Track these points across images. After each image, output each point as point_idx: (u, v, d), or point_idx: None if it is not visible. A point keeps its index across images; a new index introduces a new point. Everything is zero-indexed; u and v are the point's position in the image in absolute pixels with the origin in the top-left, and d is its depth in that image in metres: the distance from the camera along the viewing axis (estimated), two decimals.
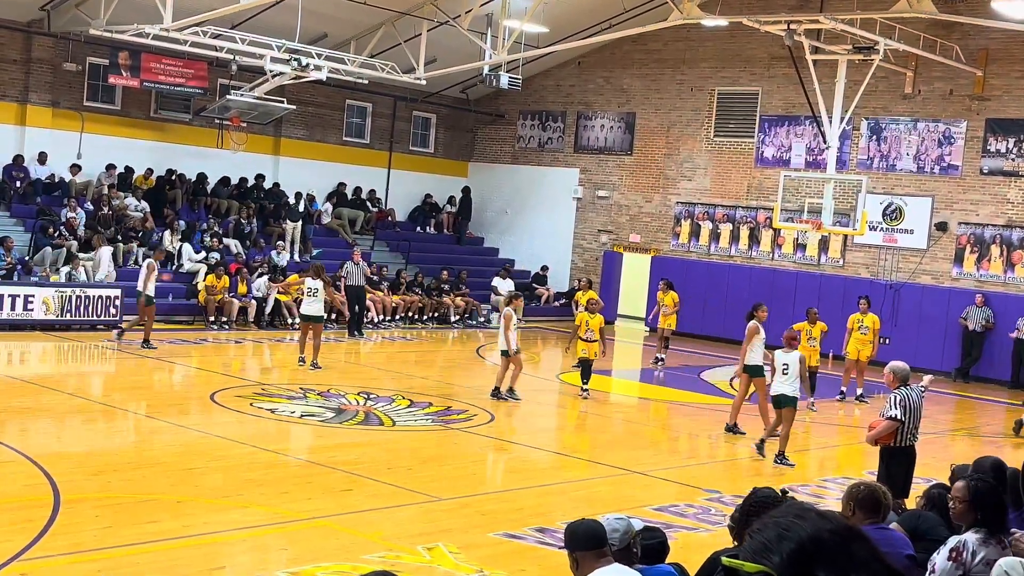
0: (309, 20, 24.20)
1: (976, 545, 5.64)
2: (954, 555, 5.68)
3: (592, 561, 4.97)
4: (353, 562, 8.76)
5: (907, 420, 10.32)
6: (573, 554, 5.04)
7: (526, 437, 15.33)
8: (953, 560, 5.64)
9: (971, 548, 5.64)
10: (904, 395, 10.37)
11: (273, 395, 16.39)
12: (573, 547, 5.06)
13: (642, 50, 29.74)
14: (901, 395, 10.37)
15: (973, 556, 5.62)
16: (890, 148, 26.06)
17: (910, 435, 10.41)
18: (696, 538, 10.28)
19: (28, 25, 24.70)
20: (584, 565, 4.97)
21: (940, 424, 18.62)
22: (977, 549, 5.63)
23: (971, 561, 5.61)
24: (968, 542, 5.67)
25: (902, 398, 10.34)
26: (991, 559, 5.56)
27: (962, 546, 5.67)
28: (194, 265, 24.50)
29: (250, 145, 27.17)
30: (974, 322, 24.03)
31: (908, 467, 10.47)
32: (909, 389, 10.47)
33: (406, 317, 26.60)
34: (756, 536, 1.96)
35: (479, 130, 33.54)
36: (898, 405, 10.29)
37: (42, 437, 13.21)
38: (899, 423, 10.25)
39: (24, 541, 8.76)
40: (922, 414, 10.68)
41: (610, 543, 5.11)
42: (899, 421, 10.25)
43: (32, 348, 19.82)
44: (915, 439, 10.51)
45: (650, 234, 30.00)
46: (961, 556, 5.66)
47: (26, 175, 24.43)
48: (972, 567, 5.61)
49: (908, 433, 10.37)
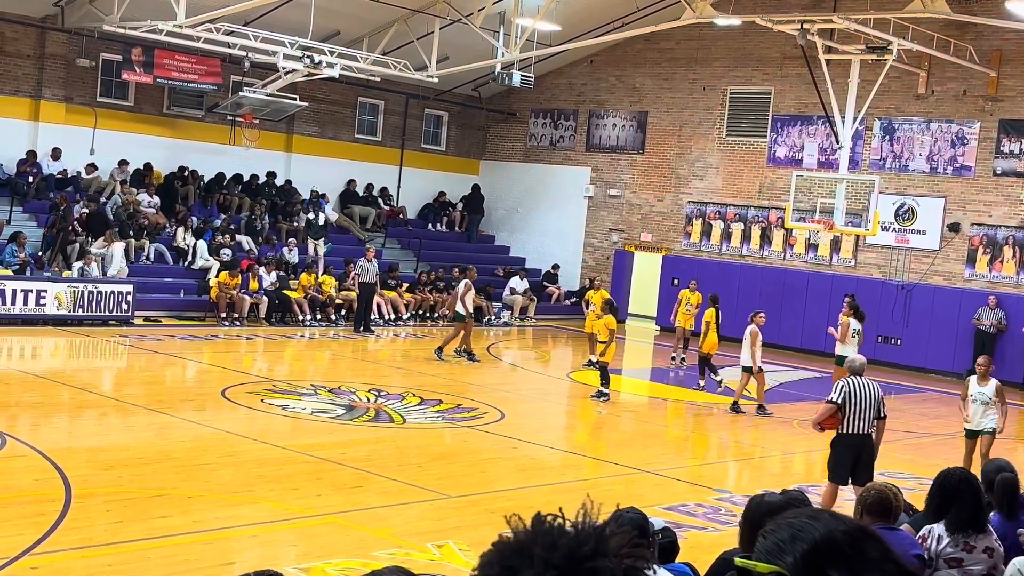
0: (322, 17, 24.23)
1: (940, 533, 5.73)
2: (919, 541, 5.76)
3: None
4: (363, 558, 8.77)
5: (849, 407, 10.78)
6: None
7: (536, 435, 15.33)
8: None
9: (936, 535, 5.72)
10: (848, 383, 10.89)
11: (284, 391, 16.42)
12: None
13: (654, 49, 29.71)
14: (843, 382, 10.96)
15: (938, 542, 5.69)
16: (903, 148, 25.99)
17: (857, 423, 10.84)
18: (706, 537, 10.28)
19: (42, 21, 24.77)
20: None
21: (952, 426, 18.55)
22: (942, 536, 5.70)
23: (935, 548, 5.69)
24: (934, 530, 5.75)
25: (843, 385, 10.90)
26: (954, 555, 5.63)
27: (928, 534, 5.75)
28: (207, 262, 24.57)
29: (262, 142, 27.21)
30: (988, 323, 23.95)
31: (857, 454, 10.91)
32: (857, 380, 10.98)
33: (416, 315, 26.63)
34: (769, 537, 1.96)
35: (491, 128, 33.54)
36: (838, 391, 10.86)
37: (54, 432, 13.26)
38: (835, 406, 10.80)
39: (35, 535, 8.79)
40: (875, 407, 10.97)
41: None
42: (834, 404, 10.80)
43: (44, 343, 19.88)
44: (864, 428, 10.91)
45: (661, 233, 29.97)
46: (925, 542, 5.75)
47: (39, 171, 24.50)
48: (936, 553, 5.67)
49: (854, 421, 10.83)
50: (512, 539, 1.71)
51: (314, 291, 24.77)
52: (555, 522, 1.71)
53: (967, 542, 5.68)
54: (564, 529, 1.71)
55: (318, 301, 24.82)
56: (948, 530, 5.74)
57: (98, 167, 25.47)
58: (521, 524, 1.71)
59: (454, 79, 29.29)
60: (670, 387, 20.61)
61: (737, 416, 17.41)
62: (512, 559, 1.68)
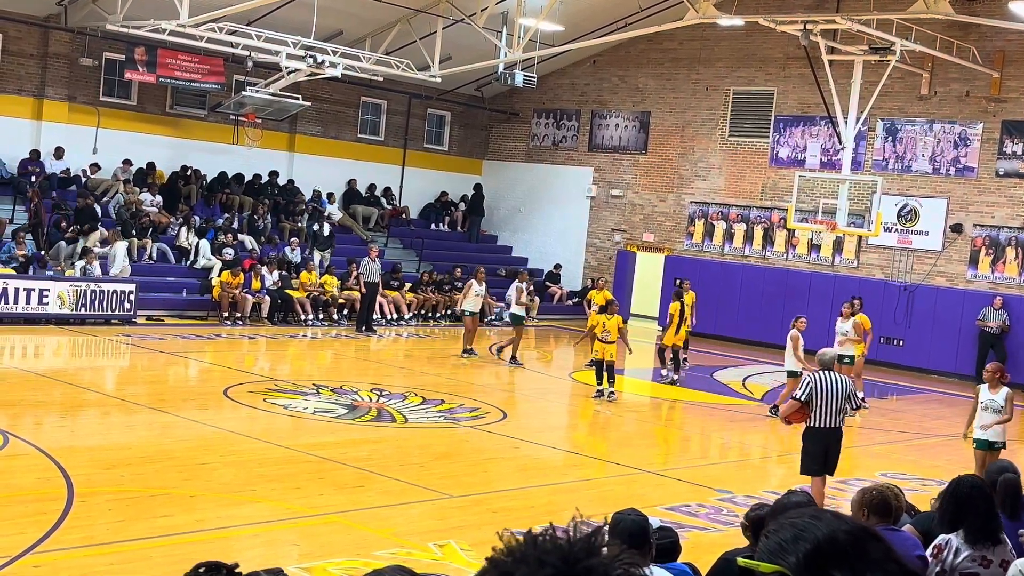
0: (325, 17, 24.23)
1: (959, 545, 5.66)
2: (935, 552, 5.71)
3: None
4: (365, 558, 8.77)
5: (815, 402, 10.93)
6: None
7: (538, 435, 15.33)
8: (934, 557, 5.68)
9: (953, 547, 5.66)
10: (813, 378, 11.05)
11: (286, 391, 16.42)
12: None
13: (657, 49, 29.70)
14: (809, 378, 11.15)
15: (955, 555, 5.63)
16: (905, 149, 25.97)
17: (825, 417, 10.99)
18: (708, 538, 10.27)
19: (45, 20, 24.80)
20: None
21: (955, 427, 18.53)
22: (960, 549, 5.64)
23: (951, 560, 5.63)
24: (952, 541, 5.69)
25: (808, 380, 11.10)
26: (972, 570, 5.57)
27: (944, 544, 5.69)
28: (209, 261, 24.58)
29: (265, 141, 27.22)
30: (993, 324, 23.88)
31: (826, 446, 11.08)
32: (824, 374, 11.10)
33: (419, 315, 26.62)
34: (772, 537, 1.96)
35: (493, 128, 33.54)
36: (803, 387, 11.06)
37: (56, 431, 13.27)
38: (799, 403, 11.00)
39: (38, 534, 8.80)
40: (841, 400, 11.07)
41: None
42: (798, 401, 11.01)
43: (47, 342, 19.90)
44: (832, 422, 11.06)
45: (664, 233, 29.96)
46: (942, 554, 5.70)
47: (42, 170, 24.52)
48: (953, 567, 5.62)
49: (821, 415, 10.99)
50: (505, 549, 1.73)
51: (317, 291, 24.79)
52: (548, 532, 1.74)
53: (984, 556, 5.61)
54: (557, 536, 1.73)
55: (320, 301, 24.84)
56: (967, 541, 5.67)
57: (101, 166, 25.49)
58: (513, 539, 1.74)
59: (457, 79, 29.29)
60: (671, 388, 20.58)
61: (741, 417, 17.39)
62: (506, 565, 1.70)
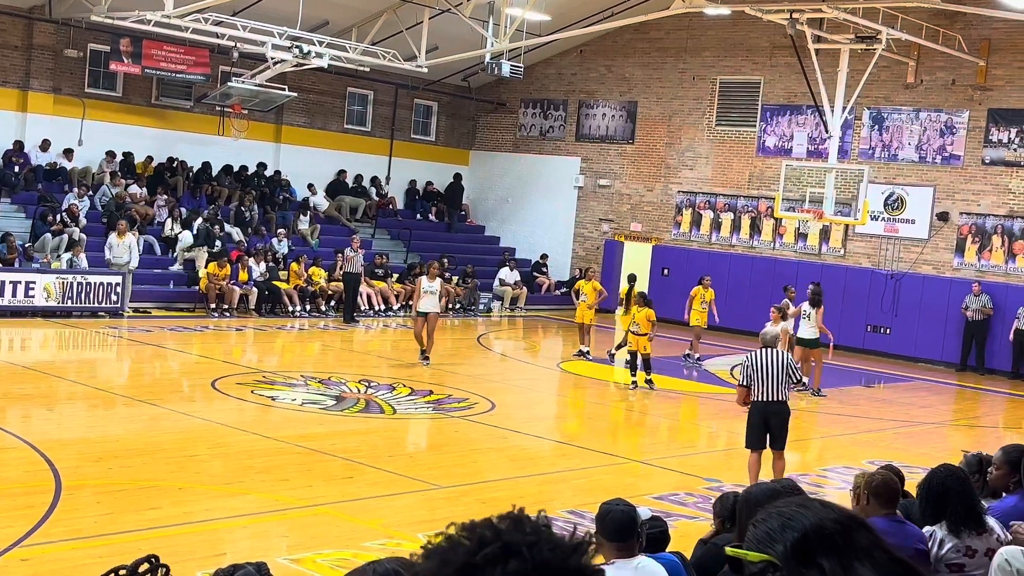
0: (311, 7, 24.15)
1: (943, 536, 5.66)
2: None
3: (612, 553, 4.86)
4: (354, 549, 8.78)
5: (754, 378, 11.36)
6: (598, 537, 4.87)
7: (526, 425, 15.34)
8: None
9: (938, 539, 5.67)
10: (749, 358, 11.49)
11: (274, 383, 16.40)
12: (599, 531, 4.95)
13: (644, 39, 29.69)
14: (745, 359, 11.58)
15: (940, 547, 5.64)
16: (892, 138, 26.03)
17: (763, 391, 11.36)
18: (696, 527, 10.29)
19: (30, 11, 24.66)
20: (604, 552, 4.82)
21: (941, 414, 18.63)
22: (945, 540, 5.65)
23: (936, 552, 5.64)
24: (935, 533, 5.69)
25: (745, 362, 11.55)
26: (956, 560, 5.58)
27: (929, 536, 5.70)
28: (193, 252, 24.50)
29: (251, 132, 27.13)
30: (973, 311, 23.99)
31: (765, 418, 11.42)
32: (762, 351, 11.42)
33: (406, 305, 26.57)
34: (760, 526, 1.96)
35: (480, 118, 33.50)
36: (742, 371, 11.60)
37: (43, 423, 13.23)
38: (745, 388, 11.47)
39: (25, 527, 8.78)
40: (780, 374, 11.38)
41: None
42: (744, 387, 11.50)
43: (33, 335, 19.83)
44: (769, 395, 11.36)
45: (651, 223, 29.98)
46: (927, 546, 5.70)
47: (27, 161, 24.41)
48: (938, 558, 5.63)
49: (759, 389, 11.37)
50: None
51: (304, 281, 24.78)
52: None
53: (969, 546, 5.62)
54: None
55: (308, 292, 24.81)
56: (950, 532, 5.67)
57: (76, 154, 25.32)
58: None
59: (443, 69, 29.23)
60: (660, 376, 20.59)
61: (729, 406, 17.41)
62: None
